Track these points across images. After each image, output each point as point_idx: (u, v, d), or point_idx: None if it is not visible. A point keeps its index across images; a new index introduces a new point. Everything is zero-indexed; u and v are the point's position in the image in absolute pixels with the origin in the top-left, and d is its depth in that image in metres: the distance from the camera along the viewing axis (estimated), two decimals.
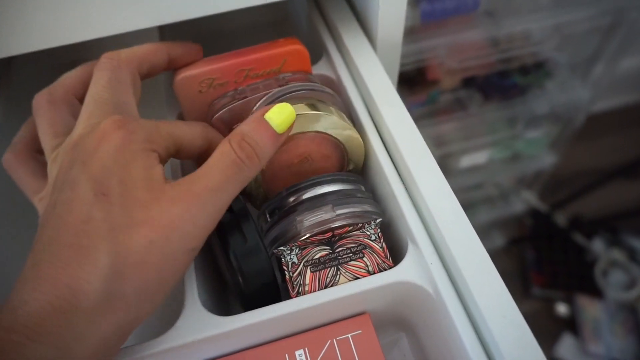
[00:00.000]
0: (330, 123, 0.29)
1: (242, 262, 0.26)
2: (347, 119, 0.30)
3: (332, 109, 0.30)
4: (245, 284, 0.26)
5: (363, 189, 0.30)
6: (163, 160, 0.24)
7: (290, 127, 0.26)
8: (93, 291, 0.20)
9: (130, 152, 0.22)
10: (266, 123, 0.25)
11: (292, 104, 0.26)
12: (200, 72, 0.30)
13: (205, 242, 0.25)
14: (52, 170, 0.24)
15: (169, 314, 0.27)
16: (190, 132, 0.26)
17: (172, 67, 0.30)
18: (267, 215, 0.29)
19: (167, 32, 0.40)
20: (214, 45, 0.51)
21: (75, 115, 0.26)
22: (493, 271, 0.24)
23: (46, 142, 0.25)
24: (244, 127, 0.24)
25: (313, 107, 0.29)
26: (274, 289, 0.27)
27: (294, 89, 0.29)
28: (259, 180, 0.31)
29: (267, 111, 0.25)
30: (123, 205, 0.21)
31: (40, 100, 0.27)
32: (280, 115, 0.25)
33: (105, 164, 0.21)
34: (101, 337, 0.20)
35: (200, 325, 0.25)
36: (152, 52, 0.29)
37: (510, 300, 0.23)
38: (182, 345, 0.25)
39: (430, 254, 0.26)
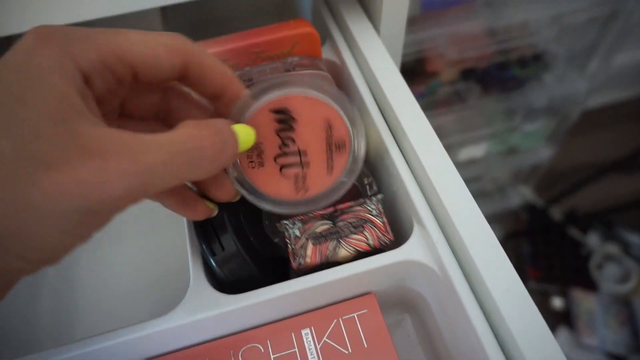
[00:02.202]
0: None
1: (223, 270, 0.26)
2: None
3: None
4: (231, 288, 0.26)
5: None
6: (98, 84, 0.19)
7: (240, 153, 0.24)
8: None
9: (38, 67, 0.17)
10: (234, 132, 0.22)
11: None
12: (211, 53, 0.29)
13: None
14: None
15: (175, 292, 0.27)
16: (148, 45, 0.20)
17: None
18: None
19: (170, 16, 0.40)
20: (216, 29, 0.51)
21: None
22: (498, 247, 0.25)
23: None
24: (219, 122, 0.21)
25: None
26: (261, 284, 0.27)
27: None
28: None
29: (234, 123, 0.23)
30: (11, 130, 0.16)
31: None
32: (245, 135, 0.23)
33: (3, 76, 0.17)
34: None
35: (206, 303, 0.25)
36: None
37: (514, 275, 0.24)
38: (187, 323, 0.25)
39: (436, 233, 0.26)
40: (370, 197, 0.28)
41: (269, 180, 0.26)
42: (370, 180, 0.30)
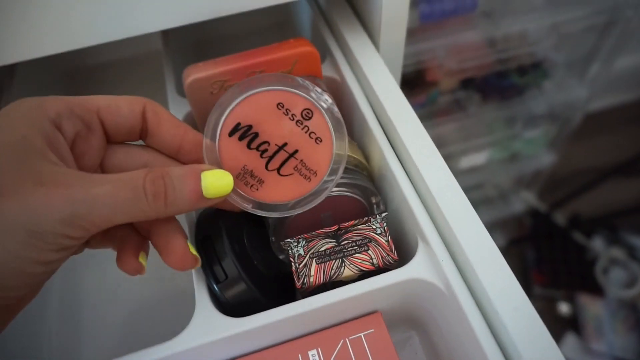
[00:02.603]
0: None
1: (227, 296, 0.26)
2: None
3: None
4: (235, 312, 0.26)
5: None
6: (67, 128, 0.22)
7: (220, 198, 0.23)
8: None
9: (9, 117, 0.20)
10: (197, 177, 0.22)
11: None
12: (212, 74, 0.30)
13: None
14: None
15: (180, 314, 0.27)
16: (111, 98, 0.23)
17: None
18: None
19: (171, 37, 0.40)
20: (218, 48, 0.51)
21: None
22: (504, 265, 0.24)
23: None
24: (173, 168, 0.22)
25: None
26: (265, 306, 0.27)
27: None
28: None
29: (207, 169, 0.23)
30: None
31: None
32: (215, 179, 0.23)
33: None
34: None
35: (212, 327, 0.25)
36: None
37: (521, 293, 0.24)
38: (193, 347, 0.25)
39: (441, 251, 0.26)
40: (374, 215, 0.28)
41: (279, 188, 0.26)
42: (379, 199, 0.30)
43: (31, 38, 0.29)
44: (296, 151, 0.25)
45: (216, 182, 0.23)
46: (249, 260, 0.27)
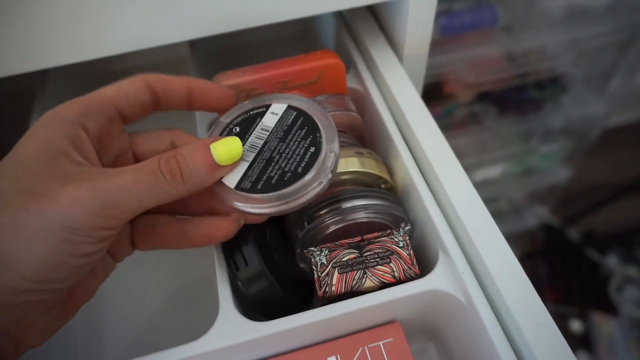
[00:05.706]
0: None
1: (248, 287, 0.27)
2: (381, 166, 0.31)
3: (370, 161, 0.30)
4: (256, 306, 0.27)
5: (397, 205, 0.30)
6: (91, 125, 0.23)
7: (233, 165, 0.25)
8: None
9: (32, 129, 0.22)
10: (207, 149, 0.23)
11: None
12: (239, 82, 0.30)
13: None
14: None
15: (203, 318, 0.28)
16: (115, 85, 0.25)
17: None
18: (305, 223, 0.29)
19: (198, 46, 0.41)
20: (242, 56, 0.52)
21: None
22: (525, 280, 0.25)
23: None
24: (183, 146, 0.24)
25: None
26: (285, 304, 0.27)
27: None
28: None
29: (215, 140, 0.24)
30: (8, 173, 0.21)
31: None
32: (224, 146, 0.24)
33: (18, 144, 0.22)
34: None
35: (235, 330, 0.25)
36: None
37: (543, 309, 0.24)
38: (216, 350, 0.25)
39: (461, 263, 0.27)
40: (397, 228, 0.28)
41: None
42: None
43: (64, 45, 0.30)
44: None
45: (226, 148, 0.24)
46: (274, 260, 0.28)
